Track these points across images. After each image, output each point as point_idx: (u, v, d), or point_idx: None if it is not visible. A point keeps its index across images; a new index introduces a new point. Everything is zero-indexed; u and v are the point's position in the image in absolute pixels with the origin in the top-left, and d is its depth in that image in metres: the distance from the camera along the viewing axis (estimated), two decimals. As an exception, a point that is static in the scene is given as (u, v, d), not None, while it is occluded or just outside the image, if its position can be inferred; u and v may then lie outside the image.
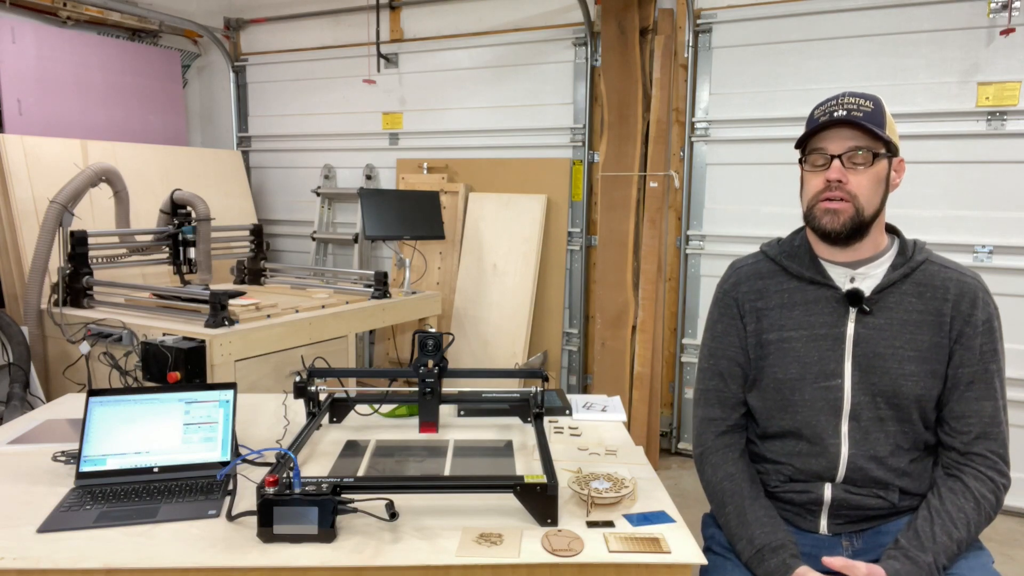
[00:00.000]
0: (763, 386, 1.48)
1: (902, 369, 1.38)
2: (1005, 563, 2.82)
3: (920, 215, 3.36)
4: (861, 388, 1.40)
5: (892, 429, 1.40)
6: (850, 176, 1.36)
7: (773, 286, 1.49)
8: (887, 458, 1.39)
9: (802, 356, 1.43)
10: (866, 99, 1.37)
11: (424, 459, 1.65)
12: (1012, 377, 3.22)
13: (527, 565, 1.22)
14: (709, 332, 1.57)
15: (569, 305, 4.25)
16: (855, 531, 1.44)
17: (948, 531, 1.31)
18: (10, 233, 3.55)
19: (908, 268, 1.40)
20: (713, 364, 1.54)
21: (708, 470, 1.51)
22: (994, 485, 1.35)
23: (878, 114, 1.36)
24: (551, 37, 4.12)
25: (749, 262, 1.55)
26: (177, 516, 1.35)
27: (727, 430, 1.53)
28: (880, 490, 1.40)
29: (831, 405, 1.41)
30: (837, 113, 1.36)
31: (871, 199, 1.36)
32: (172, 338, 2.60)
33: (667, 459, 3.92)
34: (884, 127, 1.35)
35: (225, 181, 4.70)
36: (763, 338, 1.48)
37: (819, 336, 1.42)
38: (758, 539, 1.37)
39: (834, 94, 1.42)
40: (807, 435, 1.43)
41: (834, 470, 1.41)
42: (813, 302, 1.44)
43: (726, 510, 1.45)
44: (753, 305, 1.50)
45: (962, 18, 3.20)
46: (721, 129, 3.75)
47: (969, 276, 1.41)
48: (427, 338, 1.77)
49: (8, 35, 4.01)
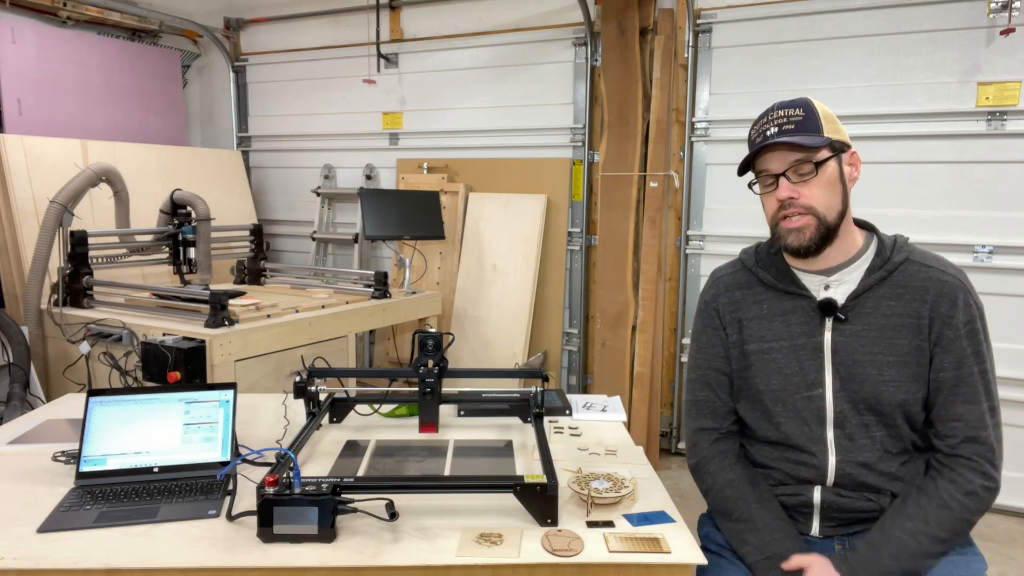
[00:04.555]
0: (748, 397, 1.48)
1: (882, 375, 1.36)
2: (1005, 563, 2.82)
3: (920, 215, 3.36)
4: (843, 396, 1.39)
5: (878, 434, 1.38)
6: (801, 189, 1.34)
7: (751, 297, 1.48)
8: (876, 463, 1.38)
9: (783, 367, 1.42)
10: (795, 107, 1.35)
11: (424, 459, 1.65)
12: (1013, 377, 3.22)
13: (527, 565, 1.22)
14: (695, 343, 1.57)
15: (569, 305, 4.25)
16: (847, 533, 1.43)
17: (901, 525, 1.31)
18: (10, 233, 3.55)
19: (885, 271, 1.37)
20: (700, 375, 1.53)
21: (707, 479, 1.50)
22: (971, 487, 1.30)
23: (810, 119, 1.34)
24: (551, 37, 4.12)
25: (728, 271, 1.54)
26: (177, 516, 1.35)
27: (720, 438, 1.52)
28: (871, 493, 1.39)
29: (815, 414, 1.40)
30: (769, 131, 1.35)
31: (829, 204, 1.34)
32: (172, 338, 2.60)
33: (667, 459, 3.92)
34: (820, 130, 1.33)
35: (225, 181, 4.70)
36: (745, 348, 1.47)
37: (798, 346, 1.41)
38: (767, 546, 1.36)
39: (765, 109, 1.40)
40: (794, 443, 1.42)
41: (823, 476, 1.40)
42: (790, 312, 1.43)
43: (731, 517, 1.44)
44: (734, 316, 1.49)
45: (962, 18, 3.19)
46: (721, 129, 3.75)
47: (951, 275, 1.36)
48: (427, 338, 1.77)
49: (8, 35, 4.01)
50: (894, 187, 3.40)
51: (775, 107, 1.38)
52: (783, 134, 1.34)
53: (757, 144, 1.37)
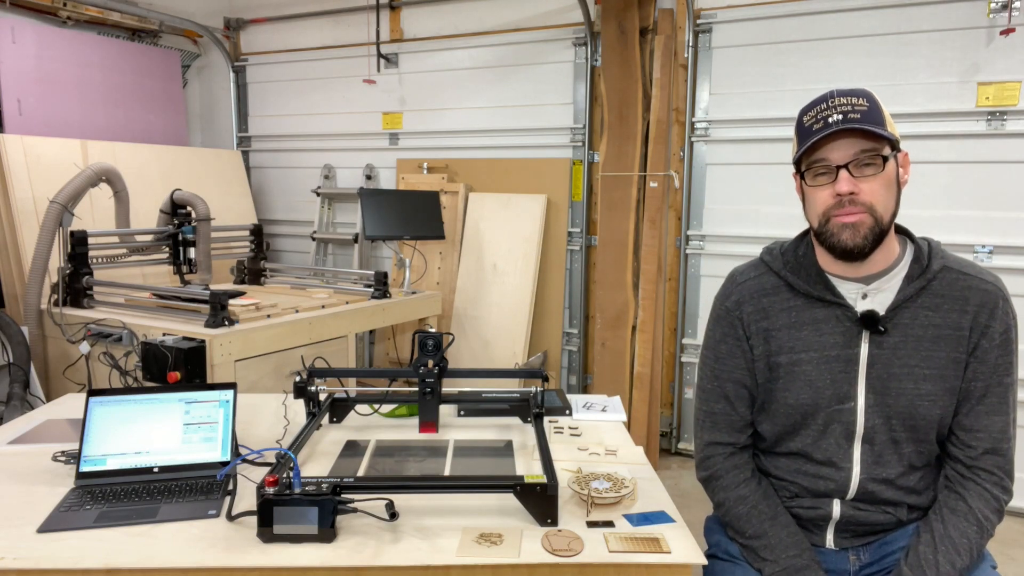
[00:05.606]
0: (773, 410, 1.39)
1: (918, 389, 1.30)
2: (1005, 563, 2.82)
3: (920, 215, 3.35)
4: (876, 411, 1.32)
5: (907, 450, 1.33)
6: (861, 185, 1.23)
7: (779, 304, 1.38)
8: (897, 479, 1.34)
9: (814, 380, 1.34)
10: (858, 96, 1.24)
11: (424, 459, 1.65)
12: (1012, 377, 3.22)
13: (527, 565, 1.22)
14: (712, 352, 1.46)
15: (569, 305, 4.25)
16: (862, 544, 1.40)
17: (951, 560, 1.25)
18: (10, 233, 3.55)
19: (924, 280, 1.29)
20: (718, 386, 1.44)
21: (719, 493, 1.44)
22: (997, 504, 1.29)
23: (875, 111, 1.23)
24: (551, 37, 4.12)
25: (751, 276, 1.43)
26: (177, 516, 1.35)
27: (735, 452, 1.45)
28: (889, 507, 1.36)
29: (844, 428, 1.34)
30: (832, 118, 1.22)
31: (888, 205, 1.25)
32: (172, 338, 2.60)
33: (667, 459, 3.92)
34: (885, 124, 1.23)
35: (225, 181, 4.70)
36: (772, 361, 1.38)
37: (831, 358, 1.33)
38: (783, 562, 1.33)
39: (820, 95, 1.28)
40: (817, 458, 1.37)
41: (844, 492, 1.36)
42: (823, 321, 1.34)
43: (747, 534, 1.39)
44: (760, 326, 1.39)
45: (962, 18, 3.19)
46: (721, 129, 3.75)
47: (990, 283, 1.30)
48: (427, 338, 1.77)
49: (8, 35, 4.01)
50: (894, 187, 3.39)
51: (835, 93, 1.25)
52: (849, 122, 1.21)
53: (819, 131, 1.23)
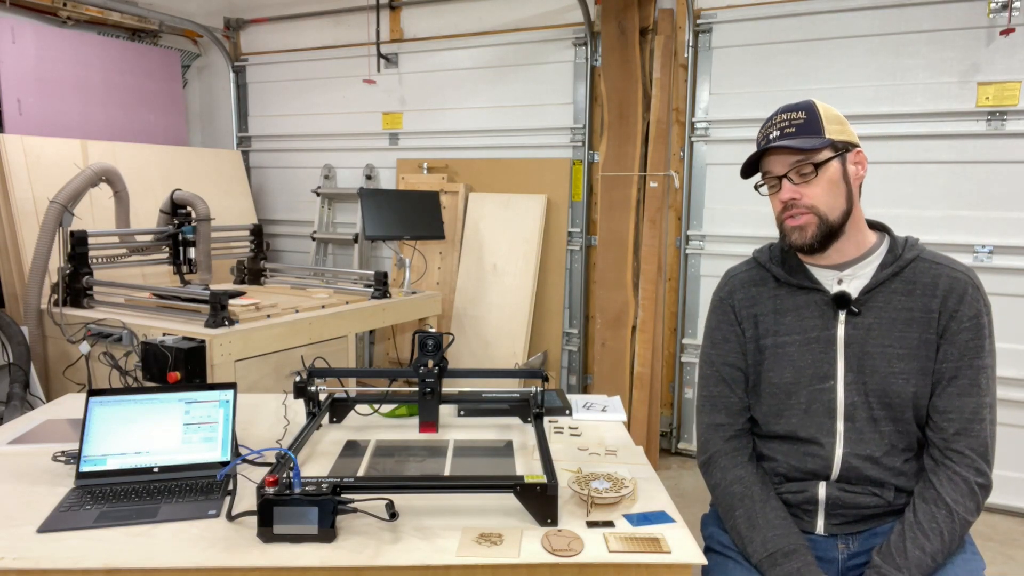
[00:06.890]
0: (760, 391, 1.50)
1: (891, 368, 1.39)
2: (1005, 563, 2.82)
3: (920, 215, 3.36)
4: (854, 388, 1.41)
5: (886, 429, 1.41)
6: (803, 190, 1.38)
7: (765, 292, 1.51)
8: (881, 458, 1.40)
9: (796, 360, 1.45)
10: (798, 110, 1.40)
11: (424, 459, 1.65)
12: (1013, 377, 3.22)
13: (527, 565, 1.22)
14: (708, 339, 1.59)
15: (569, 305, 4.25)
16: (852, 532, 1.44)
17: (920, 544, 1.31)
18: (10, 233, 3.55)
19: (897, 267, 1.41)
20: (715, 371, 1.54)
21: (717, 474, 1.50)
22: (969, 488, 1.33)
23: (811, 122, 1.38)
24: (551, 37, 4.12)
25: (742, 269, 1.58)
26: (177, 516, 1.35)
27: (734, 435, 1.52)
28: (875, 488, 1.41)
29: (825, 407, 1.43)
30: (771, 135, 1.40)
31: (832, 203, 1.38)
32: (172, 338, 2.60)
33: (667, 459, 3.92)
34: (821, 132, 1.37)
35: (225, 181, 4.70)
36: (760, 343, 1.50)
37: (811, 340, 1.44)
38: (771, 543, 1.37)
39: (772, 112, 1.45)
40: (802, 436, 1.45)
41: (828, 469, 1.43)
42: (804, 306, 1.46)
43: (736, 513, 1.44)
44: (749, 311, 1.52)
45: (962, 18, 3.19)
46: (721, 129, 3.75)
47: (960, 271, 1.40)
48: (427, 338, 1.77)
49: (8, 35, 4.01)
50: (894, 187, 3.40)
51: (779, 111, 1.43)
52: (784, 137, 1.38)
53: (760, 147, 1.42)
